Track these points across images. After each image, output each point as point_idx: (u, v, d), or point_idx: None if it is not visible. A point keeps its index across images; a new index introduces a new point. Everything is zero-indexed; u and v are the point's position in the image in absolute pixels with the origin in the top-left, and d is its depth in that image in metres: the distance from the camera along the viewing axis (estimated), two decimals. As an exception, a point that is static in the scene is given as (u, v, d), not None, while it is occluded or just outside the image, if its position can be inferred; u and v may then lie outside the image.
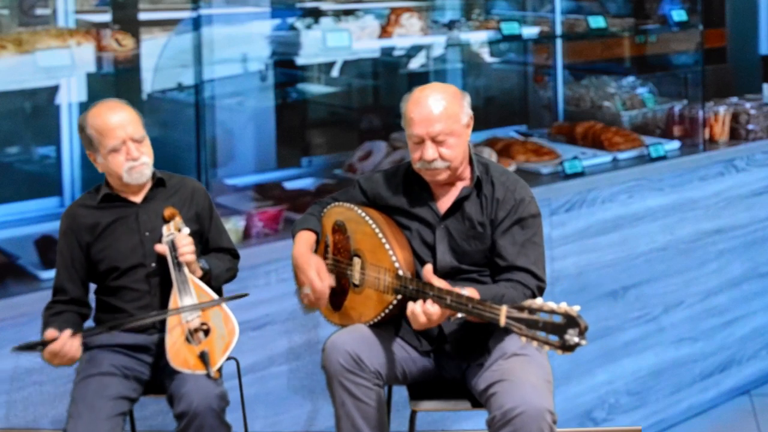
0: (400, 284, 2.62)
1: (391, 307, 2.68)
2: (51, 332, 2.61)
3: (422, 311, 2.53)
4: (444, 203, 2.76)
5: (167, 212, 2.78)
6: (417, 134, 2.67)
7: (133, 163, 2.72)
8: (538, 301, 2.33)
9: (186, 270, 2.72)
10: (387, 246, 2.69)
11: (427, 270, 2.57)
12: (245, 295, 2.82)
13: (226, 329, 2.68)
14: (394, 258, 2.67)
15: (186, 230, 2.76)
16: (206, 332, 2.67)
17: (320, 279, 2.76)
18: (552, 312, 2.28)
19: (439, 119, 2.65)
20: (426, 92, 2.70)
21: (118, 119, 2.72)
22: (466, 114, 2.72)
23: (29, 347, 2.61)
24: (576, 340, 2.24)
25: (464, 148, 2.72)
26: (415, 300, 2.56)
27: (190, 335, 2.65)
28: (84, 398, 2.61)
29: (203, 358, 2.62)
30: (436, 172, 2.69)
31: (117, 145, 2.71)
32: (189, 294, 2.70)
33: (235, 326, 2.69)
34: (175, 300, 2.69)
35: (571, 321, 2.25)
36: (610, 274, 4.17)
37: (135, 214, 2.80)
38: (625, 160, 4.38)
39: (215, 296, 2.74)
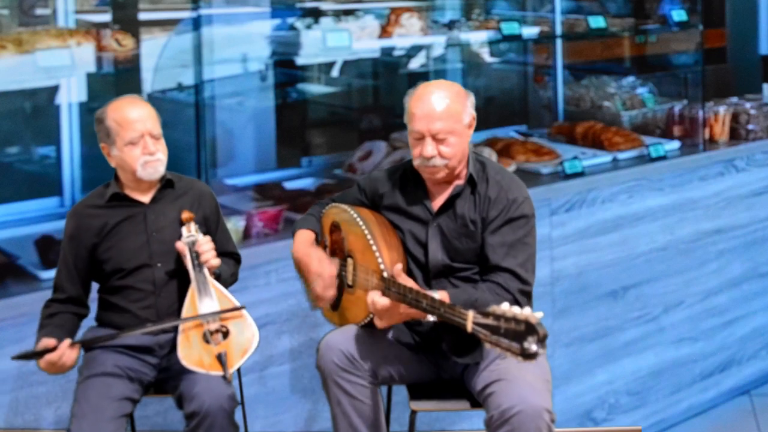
0: (385, 286, 2.61)
1: None
2: (49, 341, 2.60)
3: (370, 302, 2.56)
4: (438, 201, 2.76)
5: (185, 215, 2.78)
6: (417, 130, 2.66)
7: (149, 157, 2.72)
8: (504, 307, 2.27)
9: (206, 271, 2.72)
10: (374, 247, 2.69)
11: (396, 270, 2.57)
12: (243, 306, 2.78)
13: (245, 335, 2.68)
14: (380, 260, 2.67)
15: (204, 236, 2.76)
16: (225, 334, 2.66)
17: (326, 266, 2.78)
18: (514, 319, 2.23)
19: (441, 117, 2.65)
20: (430, 89, 2.70)
21: (139, 113, 2.74)
22: (468, 114, 2.71)
23: (27, 356, 2.61)
24: (534, 348, 2.18)
25: (464, 147, 2.72)
26: (401, 302, 2.55)
27: (209, 335, 2.65)
28: (88, 399, 2.61)
29: (221, 359, 2.61)
30: (434, 170, 2.69)
31: (135, 138, 2.71)
32: (210, 296, 2.69)
33: (255, 333, 2.69)
34: (193, 300, 2.69)
35: (530, 328, 2.19)
36: (610, 274, 4.17)
37: (143, 214, 2.79)
38: (625, 160, 4.38)
39: (234, 300, 2.73)
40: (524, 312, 2.22)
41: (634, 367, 4.27)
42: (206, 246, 2.73)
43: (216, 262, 2.74)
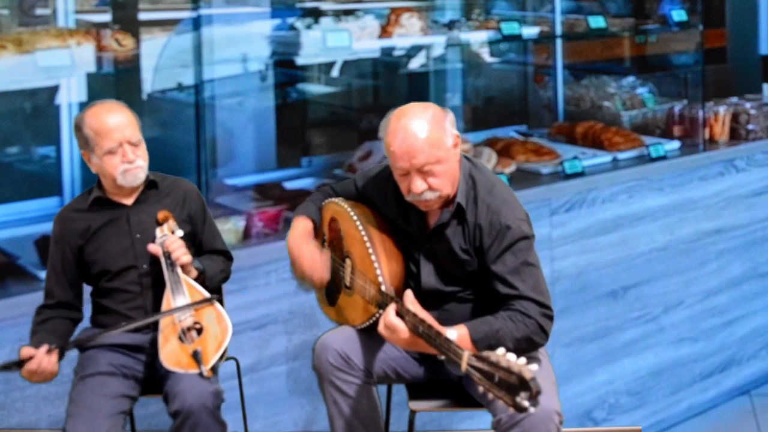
0: (382, 300, 2.59)
1: (374, 318, 2.66)
2: (26, 350, 2.60)
3: (384, 322, 2.49)
4: (431, 222, 2.68)
5: (161, 215, 2.79)
6: (401, 167, 2.55)
7: (128, 165, 2.72)
8: (499, 352, 2.19)
9: (179, 271, 2.73)
10: (373, 257, 2.66)
11: (407, 297, 2.51)
12: (214, 298, 2.77)
13: (219, 328, 2.68)
14: (378, 271, 2.64)
15: (179, 232, 2.77)
16: (199, 331, 2.67)
17: (316, 270, 2.76)
18: (508, 369, 2.15)
19: (422, 150, 2.50)
20: (403, 122, 2.54)
21: (116, 121, 2.72)
22: (450, 136, 2.57)
23: (5, 367, 2.61)
24: (526, 404, 2.12)
25: (454, 171, 2.60)
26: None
27: (183, 334, 2.65)
28: (83, 398, 2.62)
29: (196, 356, 2.61)
30: (428, 203, 2.59)
31: (113, 147, 2.71)
32: (182, 294, 2.70)
33: (228, 325, 2.69)
34: (168, 301, 2.70)
35: (523, 384, 2.12)
36: (610, 274, 4.17)
37: (126, 216, 2.80)
38: (625, 160, 4.38)
39: (208, 295, 2.73)
40: (518, 363, 2.14)
41: (634, 367, 4.27)
42: (175, 244, 2.73)
43: (186, 258, 2.74)
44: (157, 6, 4.08)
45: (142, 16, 3.82)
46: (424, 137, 2.52)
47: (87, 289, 2.88)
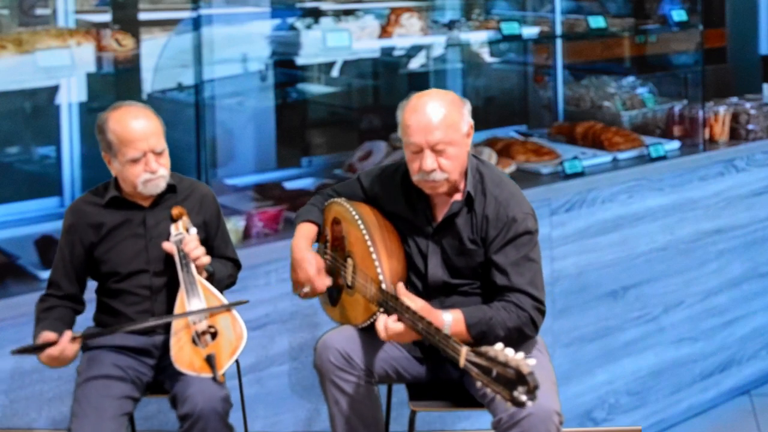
0: (382, 298, 2.60)
1: (375, 317, 2.65)
2: (49, 335, 2.59)
3: (383, 327, 2.51)
4: (439, 214, 2.71)
5: (175, 211, 2.76)
6: (415, 143, 2.57)
7: (151, 176, 2.69)
8: (497, 348, 2.20)
9: (194, 271, 2.70)
10: (374, 255, 2.66)
11: (399, 288, 2.54)
12: (245, 302, 2.79)
13: (234, 334, 2.66)
14: (379, 270, 2.64)
15: (194, 230, 2.74)
16: (213, 335, 2.65)
17: (320, 279, 2.77)
18: (506, 364, 2.15)
19: (438, 127, 2.55)
20: (424, 99, 2.60)
21: (142, 130, 2.67)
22: (466, 122, 2.62)
23: (28, 350, 2.59)
24: (524, 398, 2.12)
25: (463, 159, 2.64)
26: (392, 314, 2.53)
27: (197, 337, 2.64)
28: (89, 398, 2.61)
29: (210, 361, 2.60)
30: (436, 185, 2.61)
31: (137, 157, 2.67)
32: (197, 295, 2.68)
33: (243, 331, 2.67)
34: (183, 301, 2.67)
35: (520, 378, 2.12)
36: (610, 274, 4.17)
37: (143, 218, 2.77)
38: (625, 160, 4.38)
39: (223, 298, 2.72)
40: (516, 358, 2.15)
41: (634, 367, 4.27)
42: (192, 243, 2.71)
43: (206, 259, 2.72)
44: (157, 6, 4.08)
45: (142, 16, 3.82)
46: (441, 116, 2.57)
47: (91, 285, 2.86)
